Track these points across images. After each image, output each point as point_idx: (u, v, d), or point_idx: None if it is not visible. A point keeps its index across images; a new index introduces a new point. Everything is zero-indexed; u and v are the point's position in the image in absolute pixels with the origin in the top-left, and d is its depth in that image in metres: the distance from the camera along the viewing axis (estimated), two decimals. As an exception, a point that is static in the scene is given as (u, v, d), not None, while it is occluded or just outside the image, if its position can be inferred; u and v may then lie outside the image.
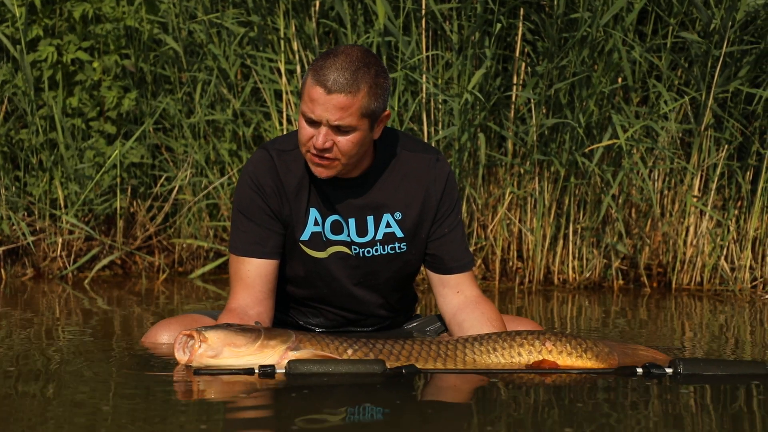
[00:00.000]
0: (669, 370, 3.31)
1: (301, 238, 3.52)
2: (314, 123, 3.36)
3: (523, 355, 3.39)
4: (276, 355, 3.26)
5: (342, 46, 3.40)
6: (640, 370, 3.32)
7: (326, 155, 3.37)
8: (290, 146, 3.51)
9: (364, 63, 3.35)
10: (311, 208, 3.51)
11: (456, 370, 3.32)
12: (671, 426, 2.79)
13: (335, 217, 3.52)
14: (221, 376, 3.21)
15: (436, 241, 3.57)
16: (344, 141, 3.36)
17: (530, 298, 5.60)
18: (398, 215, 3.54)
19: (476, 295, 3.59)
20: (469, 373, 3.32)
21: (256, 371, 3.21)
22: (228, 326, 3.30)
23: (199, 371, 3.22)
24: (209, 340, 3.25)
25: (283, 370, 3.21)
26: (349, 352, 3.29)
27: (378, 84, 3.37)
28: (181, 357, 3.27)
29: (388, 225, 3.54)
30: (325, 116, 3.33)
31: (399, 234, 3.55)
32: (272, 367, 3.21)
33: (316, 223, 3.51)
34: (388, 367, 3.23)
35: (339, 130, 3.35)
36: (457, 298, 3.58)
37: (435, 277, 3.61)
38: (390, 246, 3.55)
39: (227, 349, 3.25)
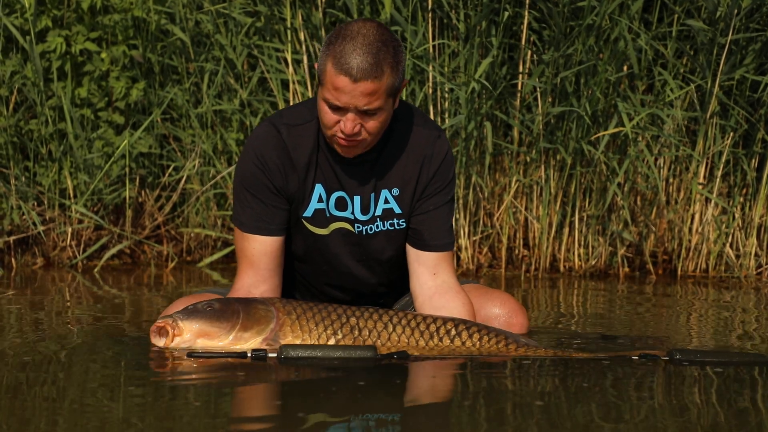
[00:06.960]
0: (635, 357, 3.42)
1: (303, 215, 3.49)
2: (340, 109, 3.31)
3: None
4: (249, 347, 3.31)
5: (355, 25, 3.32)
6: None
7: (356, 138, 3.34)
8: (299, 120, 3.46)
9: (382, 42, 3.30)
10: (317, 184, 3.47)
11: (448, 356, 3.36)
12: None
13: (340, 193, 3.48)
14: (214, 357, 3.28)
15: (419, 216, 3.51)
16: (372, 123, 3.33)
17: (536, 286, 5.63)
18: (396, 191, 3.50)
19: (454, 284, 3.53)
20: (461, 358, 3.37)
21: (249, 355, 3.27)
22: (207, 309, 3.32)
23: (192, 353, 3.28)
24: (183, 333, 3.30)
25: (275, 355, 3.26)
26: (332, 342, 3.34)
27: (398, 60, 3.32)
28: (158, 342, 3.33)
29: (386, 201, 3.50)
30: (353, 103, 3.29)
31: (397, 210, 3.51)
32: (264, 351, 3.27)
33: (320, 200, 3.48)
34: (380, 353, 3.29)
35: (366, 113, 3.32)
36: (434, 281, 3.52)
37: (412, 253, 3.53)
38: (389, 222, 3.51)
39: (201, 340, 3.31)
